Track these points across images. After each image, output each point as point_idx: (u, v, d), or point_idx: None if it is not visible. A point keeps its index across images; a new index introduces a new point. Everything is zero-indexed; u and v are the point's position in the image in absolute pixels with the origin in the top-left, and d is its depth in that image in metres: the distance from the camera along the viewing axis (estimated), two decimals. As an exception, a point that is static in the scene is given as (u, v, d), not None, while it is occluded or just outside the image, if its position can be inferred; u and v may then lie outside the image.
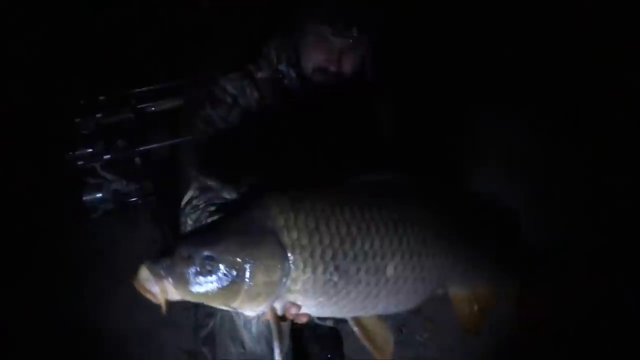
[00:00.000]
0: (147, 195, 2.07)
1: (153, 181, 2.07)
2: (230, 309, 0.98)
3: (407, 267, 1.02)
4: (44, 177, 2.11)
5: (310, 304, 0.99)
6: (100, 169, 2.00)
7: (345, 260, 0.97)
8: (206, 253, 0.92)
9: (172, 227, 2.04)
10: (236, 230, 0.95)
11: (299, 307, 0.99)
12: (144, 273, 0.90)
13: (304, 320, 1.02)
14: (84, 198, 1.98)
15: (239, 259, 0.93)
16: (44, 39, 2.07)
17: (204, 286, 0.92)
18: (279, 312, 0.99)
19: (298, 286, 0.96)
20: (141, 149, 2.03)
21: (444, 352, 1.95)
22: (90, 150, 1.97)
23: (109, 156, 1.98)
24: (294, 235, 0.96)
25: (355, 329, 1.05)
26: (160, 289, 0.90)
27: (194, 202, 1.30)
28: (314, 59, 1.34)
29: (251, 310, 0.97)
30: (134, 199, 2.06)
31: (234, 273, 0.92)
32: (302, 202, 0.98)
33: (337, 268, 0.97)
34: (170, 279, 0.90)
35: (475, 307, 1.17)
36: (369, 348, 1.05)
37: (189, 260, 0.91)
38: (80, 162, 1.97)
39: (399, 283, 1.02)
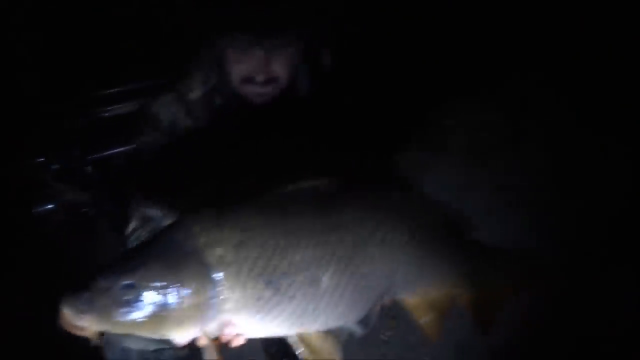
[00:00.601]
0: (101, 204, 2.02)
1: (107, 189, 2.01)
2: (161, 337, 0.93)
3: (343, 276, 0.97)
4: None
5: (246, 323, 0.95)
6: (52, 180, 1.94)
7: (276, 274, 0.93)
8: (125, 282, 0.88)
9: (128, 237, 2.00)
10: (155, 254, 0.91)
11: (234, 326, 0.95)
12: (65, 310, 0.86)
13: (240, 342, 0.98)
14: (34, 210, 1.92)
15: (160, 285, 0.88)
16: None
17: (128, 317, 0.88)
18: (214, 335, 0.95)
19: (229, 305, 0.92)
20: (95, 156, 1.97)
21: (407, 350, 1.93)
22: (42, 159, 1.91)
23: (58, 166, 1.92)
24: (218, 252, 0.91)
25: (299, 346, 1.01)
26: (82, 325, 0.87)
27: (137, 233, 1.28)
28: (237, 70, 1.28)
29: (182, 336, 0.93)
30: (87, 209, 2.00)
31: (157, 300, 0.88)
32: (225, 216, 0.94)
33: (268, 283, 0.92)
34: (92, 314, 0.87)
35: (430, 312, 1.14)
36: None
37: (108, 292, 0.87)
38: (29, 173, 1.90)
39: (336, 294, 0.97)
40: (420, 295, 1.12)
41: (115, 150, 1.92)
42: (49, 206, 1.93)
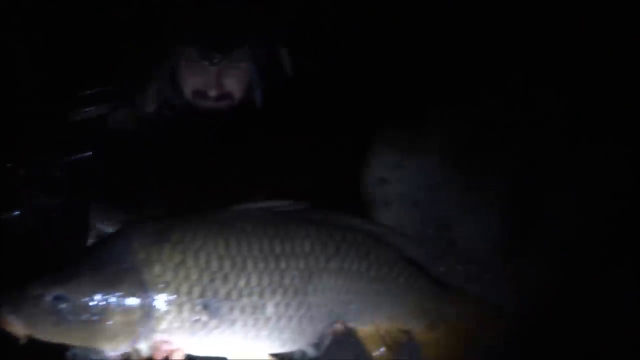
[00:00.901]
0: (70, 209, 1.98)
1: (76, 194, 1.97)
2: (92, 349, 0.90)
3: (290, 305, 0.93)
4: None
5: (181, 344, 0.91)
6: (19, 185, 1.90)
7: (216, 298, 0.89)
8: (56, 293, 0.85)
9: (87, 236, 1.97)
10: (92, 267, 0.88)
11: (170, 344, 0.91)
12: None
13: (179, 357, 0.93)
14: (1, 216, 1.88)
15: (92, 299, 0.86)
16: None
17: (55, 327, 0.87)
18: (146, 353, 0.91)
19: (163, 326, 0.88)
20: (63, 161, 1.93)
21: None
22: (9, 164, 1.87)
23: (25, 171, 1.88)
24: (157, 270, 0.87)
25: None
26: (11, 329, 0.86)
27: None
28: (190, 84, 1.27)
29: (112, 351, 0.90)
30: (56, 214, 1.96)
31: (88, 313, 0.86)
32: (168, 233, 0.90)
33: (206, 307, 0.88)
34: (19, 320, 0.85)
35: (382, 345, 1.09)
36: None
37: (39, 300, 0.86)
38: (-6, 180, 1.86)
39: (281, 323, 0.93)
40: (373, 326, 1.08)
41: (83, 155, 1.89)
42: (17, 212, 1.89)
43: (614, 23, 2.27)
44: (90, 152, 1.94)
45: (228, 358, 0.96)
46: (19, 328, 0.85)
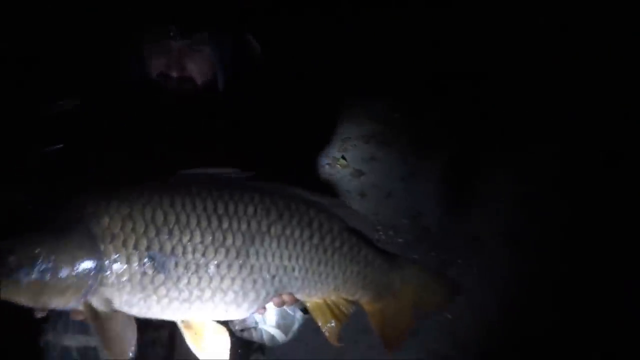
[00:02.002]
0: (38, 201, 2.00)
1: (44, 187, 2.00)
2: (40, 306, 0.93)
3: (232, 266, 0.98)
4: None
5: (129, 301, 0.94)
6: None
7: (162, 252, 0.94)
8: (3, 246, 0.88)
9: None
10: (40, 220, 0.93)
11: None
12: None
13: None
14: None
15: (39, 250, 0.89)
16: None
17: (4, 282, 0.88)
18: (96, 308, 0.94)
19: (112, 279, 0.92)
20: (30, 153, 1.97)
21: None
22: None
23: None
24: (105, 222, 0.92)
25: (185, 333, 0.99)
26: None
27: None
28: (154, 63, 1.29)
29: (62, 306, 0.93)
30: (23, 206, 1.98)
31: (37, 266, 0.88)
32: (117, 190, 0.96)
33: (152, 259, 0.93)
34: None
35: (330, 316, 1.12)
36: (200, 357, 0.99)
37: None
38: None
39: (224, 284, 0.98)
40: (320, 298, 1.11)
41: (49, 148, 1.93)
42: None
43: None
44: (57, 145, 1.99)
45: (175, 321, 0.99)
46: None
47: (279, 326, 1.37)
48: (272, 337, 1.40)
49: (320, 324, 1.13)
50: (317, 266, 1.07)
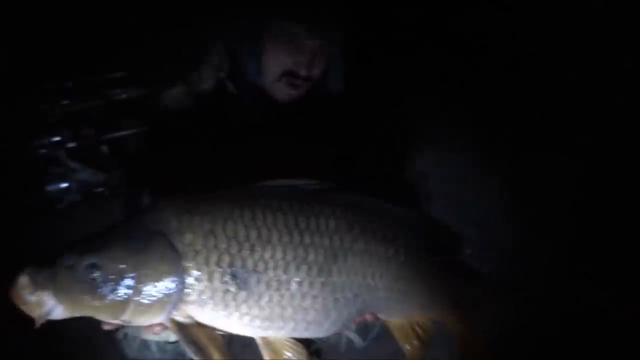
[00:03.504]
0: (116, 185, 2.06)
1: (122, 170, 2.06)
2: (122, 324, 0.94)
3: (314, 284, 0.95)
4: (5, 167, 2.12)
5: (211, 318, 0.94)
6: (65, 158, 1.99)
7: (244, 269, 0.93)
8: (89, 261, 0.89)
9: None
10: (125, 235, 0.93)
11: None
12: (23, 281, 0.88)
13: None
14: (48, 188, 1.98)
15: (125, 266, 0.90)
16: (4, 22, 2.07)
17: (88, 297, 0.89)
18: (179, 324, 0.94)
19: (194, 296, 0.92)
20: (109, 136, 2.02)
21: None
22: (56, 138, 1.97)
23: (74, 144, 1.97)
24: (188, 238, 0.92)
25: (263, 350, 0.98)
26: (37, 300, 0.87)
27: None
28: (282, 61, 1.26)
29: (145, 323, 0.94)
30: (101, 189, 2.05)
31: (121, 281, 0.89)
32: (199, 203, 0.95)
33: (234, 277, 0.92)
34: (50, 290, 0.88)
35: (413, 337, 1.08)
36: None
37: (72, 270, 0.88)
38: (43, 151, 1.96)
39: (306, 302, 0.96)
40: (403, 317, 1.07)
41: (127, 132, 1.97)
42: (63, 185, 1.99)
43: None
44: (134, 130, 2.03)
45: (255, 337, 0.98)
46: (49, 300, 0.87)
47: (359, 331, 1.35)
48: (350, 341, 1.39)
49: (402, 345, 1.09)
50: (402, 285, 1.03)
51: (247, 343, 1.13)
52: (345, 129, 1.38)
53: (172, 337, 1.35)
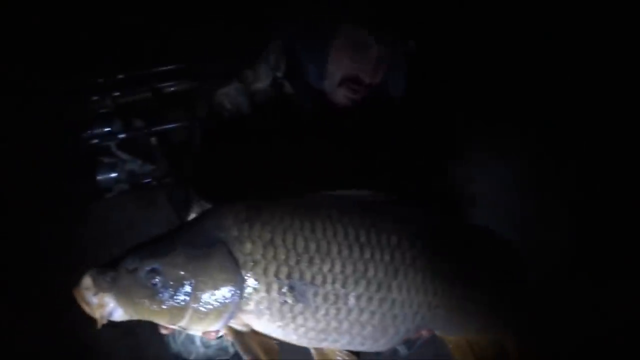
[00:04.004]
0: (163, 176, 2.09)
1: (169, 162, 2.09)
2: (178, 328, 0.94)
3: (373, 299, 0.93)
4: (57, 156, 2.17)
5: (267, 328, 0.93)
6: (116, 149, 2.04)
7: (302, 281, 0.91)
8: (151, 266, 0.89)
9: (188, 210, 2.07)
10: (186, 241, 0.92)
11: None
12: (87, 282, 0.89)
13: None
14: (98, 177, 2.04)
15: (185, 273, 0.90)
16: (61, 16, 2.11)
17: (148, 302, 0.89)
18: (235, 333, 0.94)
19: (252, 306, 0.92)
20: (157, 129, 2.05)
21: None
22: (107, 128, 2.01)
23: (123, 135, 2.01)
24: (247, 248, 0.91)
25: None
26: (99, 302, 0.89)
27: None
28: (346, 67, 1.23)
29: (201, 330, 0.94)
30: (148, 180, 2.09)
31: (180, 288, 0.89)
32: (259, 212, 0.94)
33: (292, 289, 0.91)
34: (112, 293, 0.89)
35: (472, 356, 1.05)
36: None
37: (134, 274, 0.89)
38: (95, 141, 2.01)
39: (363, 317, 0.94)
40: (462, 337, 1.05)
41: (176, 125, 1.99)
42: (113, 175, 2.04)
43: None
44: (183, 123, 2.05)
45: (310, 349, 0.98)
46: (110, 302, 0.88)
47: (405, 341, 1.33)
48: (396, 351, 1.37)
49: None
50: (463, 304, 1.00)
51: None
52: (400, 135, 1.36)
53: None
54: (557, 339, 1.09)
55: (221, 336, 1.34)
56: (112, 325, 2.11)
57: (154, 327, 1.96)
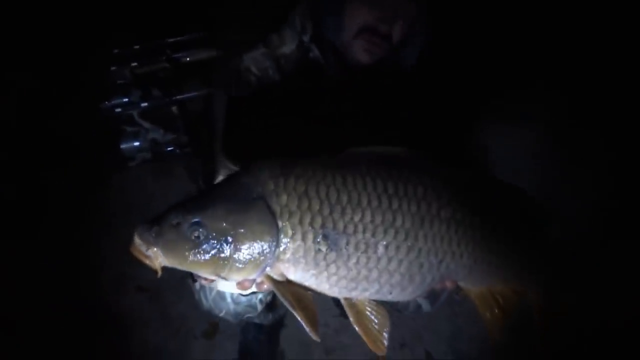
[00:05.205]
0: (185, 144, 2.15)
1: (188, 132, 2.14)
2: (220, 279, 1.00)
3: (400, 248, 1.00)
4: (79, 126, 2.23)
5: (302, 276, 1.00)
6: (138, 117, 2.08)
7: (335, 230, 0.98)
8: (193, 220, 0.96)
9: (207, 179, 2.12)
10: (225, 196, 0.99)
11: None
12: (137, 239, 0.96)
13: None
14: (122, 146, 2.09)
15: (226, 225, 0.96)
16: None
17: (192, 254, 0.96)
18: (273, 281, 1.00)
19: (288, 255, 0.98)
20: (178, 97, 2.09)
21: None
22: (127, 99, 2.05)
23: (146, 104, 2.06)
24: (283, 200, 0.97)
25: (348, 311, 1.04)
26: (154, 255, 0.96)
27: None
28: (363, 15, 1.26)
29: (241, 279, 1.00)
30: (171, 149, 2.14)
31: (221, 240, 0.96)
32: (293, 166, 1.00)
33: (325, 238, 0.98)
34: (159, 247, 0.96)
35: (495, 307, 1.10)
36: (362, 335, 1.03)
37: (177, 228, 0.96)
38: (117, 110, 2.05)
39: (391, 265, 1.00)
40: (484, 286, 1.10)
41: (197, 94, 2.03)
42: (136, 143, 2.09)
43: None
44: (200, 92, 2.09)
45: (340, 297, 1.04)
46: (158, 256, 0.95)
47: (429, 295, 1.39)
48: (419, 306, 1.43)
49: (482, 313, 1.11)
50: (487, 254, 1.06)
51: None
52: (416, 100, 1.39)
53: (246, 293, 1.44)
54: (581, 297, 1.13)
55: (250, 293, 1.43)
56: (140, 289, 2.21)
57: (179, 289, 2.06)
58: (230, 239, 0.96)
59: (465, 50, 2.18)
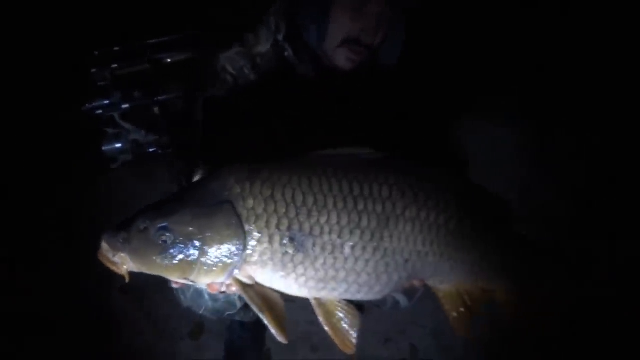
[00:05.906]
0: (167, 145, 2.16)
1: (170, 133, 2.16)
2: (188, 282, 1.03)
3: (367, 248, 1.02)
4: (59, 129, 2.24)
5: (270, 279, 1.02)
6: (119, 119, 2.10)
7: (301, 232, 1.00)
8: (160, 224, 0.98)
9: (189, 180, 2.14)
10: (192, 200, 1.01)
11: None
12: (104, 245, 0.99)
13: None
14: (104, 148, 2.11)
15: (193, 229, 0.98)
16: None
17: (159, 259, 0.99)
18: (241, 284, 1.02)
19: (255, 257, 1.00)
20: (159, 98, 2.11)
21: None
22: (108, 100, 2.07)
23: (127, 106, 2.07)
24: (250, 203, 1.00)
25: (317, 311, 1.06)
26: (121, 261, 0.98)
27: None
28: (347, 27, 1.28)
29: (210, 282, 1.02)
30: (153, 150, 2.16)
31: (189, 244, 0.98)
32: (260, 171, 1.02)
33: (292, 240, 1.00)
34: (126, 252, 0.98)
35: (461, 305, 1.12)
36: (330, 335, 1.05)
37: (145, 233, 0.98)
38: (98, 112, 2.07)
39: (358, 265, 1.02)
40: (452, 285, 1.12)
41: (177, 94, 2.05)
42: (117, 145, 2.11)
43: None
44: (184, 92, 2.11)
45: (309, 298, 1.05)
46: (125, 261, 0.97)
47: (405, 292, 1.40)
48: (397, 303, 1.45)
49: (448, 313, 1.12)
50: (452, 253, 1.08)
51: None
52: (394, 100, 1.41)
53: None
54: (548, 295, 1.14)
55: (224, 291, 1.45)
56: (123, 291, 2.23)
57: (163, 290, 2.07)
58: (197, 243, 0.98)
59: (446, 48, 2.20)
